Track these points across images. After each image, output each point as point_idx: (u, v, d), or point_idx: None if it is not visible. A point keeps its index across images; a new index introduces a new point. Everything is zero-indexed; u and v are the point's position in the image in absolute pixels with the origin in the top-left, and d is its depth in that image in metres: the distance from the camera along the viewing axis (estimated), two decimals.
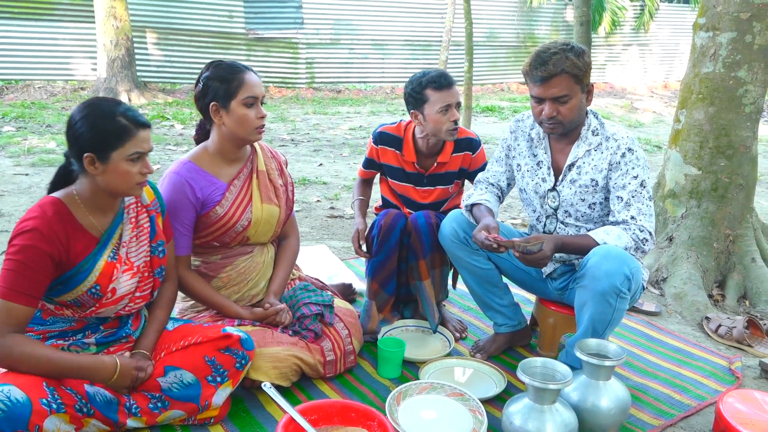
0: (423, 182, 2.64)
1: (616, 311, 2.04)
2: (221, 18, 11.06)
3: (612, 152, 2.17)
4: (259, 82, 2.14)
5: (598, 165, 2.19)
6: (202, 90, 2.12)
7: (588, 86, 2.14)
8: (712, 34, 3.18)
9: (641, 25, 15.01)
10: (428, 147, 2.59)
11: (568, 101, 2.10)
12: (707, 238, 3.21)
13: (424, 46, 12.99)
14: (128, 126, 1.69)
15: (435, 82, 2.42)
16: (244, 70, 2.11)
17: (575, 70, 2.06)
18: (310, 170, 5.95)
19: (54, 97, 9.44)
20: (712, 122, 3.20)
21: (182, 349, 1.93)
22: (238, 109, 2.08)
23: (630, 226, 2.11)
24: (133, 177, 1.73)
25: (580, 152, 2.22)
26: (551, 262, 2.38)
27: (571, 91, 2.08)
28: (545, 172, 2.30)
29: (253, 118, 2.11)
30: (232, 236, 2.20)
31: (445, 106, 2.42)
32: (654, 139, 8.62)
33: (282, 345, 2.11)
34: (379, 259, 2.49)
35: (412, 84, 2.47)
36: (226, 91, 2.08)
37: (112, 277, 1.78)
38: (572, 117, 2.14)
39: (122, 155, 1.69)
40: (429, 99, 2.43)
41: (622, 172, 2.15)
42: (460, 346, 2.58)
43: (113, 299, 1.80)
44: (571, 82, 2.07)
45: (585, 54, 2.11)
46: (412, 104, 2.49)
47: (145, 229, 1.89)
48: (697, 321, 2.91)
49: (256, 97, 2.11)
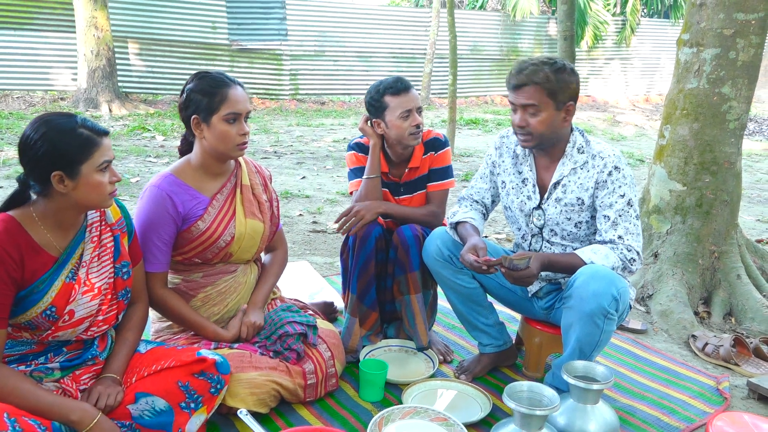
0: (400, 191, 2.59)
1: (603, 333, 1.99)
2: (204, 28, 11.00)
3: (598, 171, 2.13)
4: (244, 97, 2.07)
5: (584, 183, 2.16)
6: (185, 101, 2.06)
7: (566, 105, 2.09)
8: (696, 50, 3.18)
9: (623, 39, 15.18)
10: (397, 155, 2.55)
11: (538, 114, 2.07)
12: (692, 254, 3.19)
13: (409, 58, 13.02)
14: (91, 136, 1.63)
15: (392, 88, 2.42)
16: (229, 84, 2.05)
17: (547, 83, 2.04)
18: (292, 183, 5.88)
19: (33, 107, 9.29)
20: (697, 138, 3.19)
21: (154, 373, 1.85)
22: (219, 125, 2.02)
23: (617, 246, 2.07)
24: (105, 187, 1.67)
25: (565, 170, 2.18)
26: (537, 281, 2.33)
27: (541, 102, 2.06)
28: (530, 189, 2.26)
29: (235, 134, 2.04)
30: (214, 252, 2.13)
31: (406, 111, 2.41)
32: (636, 153, 8.67)
33: (260, 370, 2.04)
34: (357, 270, 2.43)
35: (371, 93, 2.47)
36: (208, 106, 2.01)
37: (70, 298, 1.70)
38: (543, 131, 2.10)
39: (92, 167, 1.63)
40: (389, 105, 2.42)
41: (608, 191, 2.12)
42: (444, 367, 2.52)
43: (71, 322, 1.71)
44: (542, 95, 2.05)
45: (566, 72, 2.08)
46: (373, 113, 2.48)
47: (108, 248, 1.81)
48: (684, 339, 2.88)
49: (239, 114, 2.04)
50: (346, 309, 2.52)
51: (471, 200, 2.44)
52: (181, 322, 2.13)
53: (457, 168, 7.00)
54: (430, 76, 12.46)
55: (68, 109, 9.20)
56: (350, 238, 2.47)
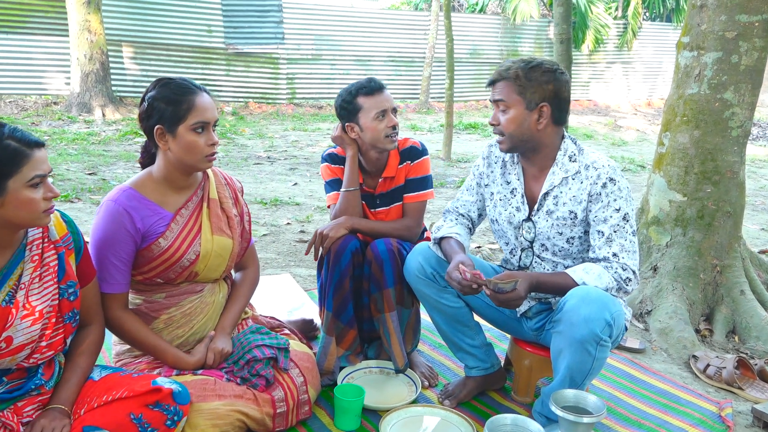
0: (376, 203, 2.45)
1: (596, 360, 1.84)
2: (200, 32, 10.88)
3: (592, 182, 1.98)
4: (212, 104, 1.93)
5: (577, 196, 2.00)
6: (147, 111, 1.91)
7: (540, 106, 1.96)
8: (696, 53, 3.02)
9: (624, 43, 15.04)
10: (372, 163, 2.41)
11: (507, 111, 1.98)
12: (693, 268, 3.03)
13: (408, 62, 12.89)
14: (20, 148, 1.48)
15: (365, 88, 2.31)
16: (195, 91, 1.90)
17: (516, 80, 1.95)
18: (283, 190, 5.74)
19: (25, 111, 9.17)
20: (698, 146, 3.03)
21: (105, 404, 1.69)
22: (186, 135, 1.87)
23: (612, 265, 1.92)
24: (37, 205, 1.52)
25: (555, 179, 2.03)
26: (526, 300, 2.17)
27: (509, 99, 1.97)
28: (519, 200, 2.11)
29: (203, 145, 1.90)
30: (177, 272, 1.98)
31: (381, 112, 2.30)
32: (638, 158, 8.52)
33: (224, 399, 1.88)
34: (332, 286, 2.29)
35: (342, 96, 2.35)
36: (174, 115, 1.87)
37: (6, 323, 1.54)
38: (512, 131, 1.99)
39: (20, 182, 1.48)
40: (362, 107, 2.31)
41: (603, 205, 1.96)
42: (428, 391, 2.36)
43: (9, 349, 1.56)
44: (511, 91, 1.96)
45: (540, 71, 1.95)
46: (345, 117, 2.35)
47: (51, 268, 1.66)
48: (684, 359, 2.72)
49: (208, 123, 1.90)
50: (322, 327, 2.37)
51: (456, 213, 2.29)
52: (139, 347, 1.97)
53: (454, 174, 6.85)
54: (429, 80, 12.33)
55: (60, 113, 9.08)
56: (326, 253, 2.32)
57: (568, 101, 2.03)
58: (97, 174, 5.86)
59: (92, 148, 7.05)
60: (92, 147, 7.15)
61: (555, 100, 1.97)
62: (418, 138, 2.53)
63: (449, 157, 7.62)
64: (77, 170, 5.95)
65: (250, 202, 5.21)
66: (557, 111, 1.99)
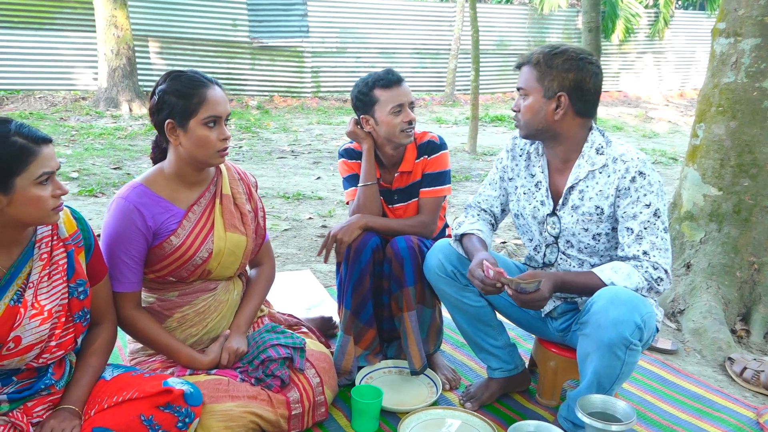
0: (393, 199, 2.39)
1: (625, 365, 1.74)
2: (225, 26, 10.89)
3: (620, 176, 1.87)
4: (224, 98, 1.87)
5: (604, 190, 1.90)
6: (157, 104, 1.86)
7: (557, 95, 1.85)
8: (733, 40, 2.88)
9: (656, 32, 14.66)
10: (388, 157, 2.35)
11: (526, 98, 1.91)
12: (729, 266, 2.89)
13: (433, 54, 12.75)
14: (27, 145, 1.44)
15: (382, 80, 2.24)
16: (206, 84, 1.85)
17: (537, 66, 1.86)
18: (306, 184, 5.69)
19: (54, 107, 9.28)
20: (734, 138, 2.89)
21: (115, 405, 1.65)
22: (197, 130, 1.82)
23: (642, 263, 1.81)
24: (46, 202, 1.48)
25: (581, 173, 1.93)
26: (551, 299, 2.08)
27: (528, 87, 1.89)
28: (543, 194, 2.02)
29: (215, 140, 1.85)
30: (189, 270, 1.93)
31: (397, 106, 2.23)
32: (669, 150, 8.28)
33: (237, 400, 1.83)
34: (351, 283, 2.23)
35: (359, 87, 2.29)
36: (185, 109, 1.81)
37: (14, 323, 1.51)
38: (528, 119, 1.90)
39: (28, 180, 1.44)
40: (379, 100, 2.24)
41: (632, 200, 1.85)
42: (449, 393, 2.29)
43: (17, 350, 1.52)
44: (532, 78, 1.88)
45: (562, 58, 1.84)
46: (361, 109, 2.29)
47: (60, 266, 1.62)
48: (719, 361, 2.59)
49: (220, 117, 1.85)
50: (340, 326, 2.30)
51: (478, 209, 2.20)
52: (152, 346, 1.94)
53: (479, 167, 6.74)
54: (455, 72, 12.17)
55: (88, 108, 9.18)
56: (345, 250, 2.26)
57: (595, 92, 1.89)
58: (122, 168, 5.89)
59: (118, 143, 7.10)
60: (118, 142, 7.20)
61: (576, 90, 1.85)
62: (438, 132, 2.46)
63: (474, 150, 7.50)
64: (102, 165, 5.99)
65: (272, 196, 5.18)
66: (579, 102, 1.87)
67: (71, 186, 5.07)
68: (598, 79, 1.89)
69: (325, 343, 2.36)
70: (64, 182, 5.15)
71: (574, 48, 1.88)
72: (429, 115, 10.49)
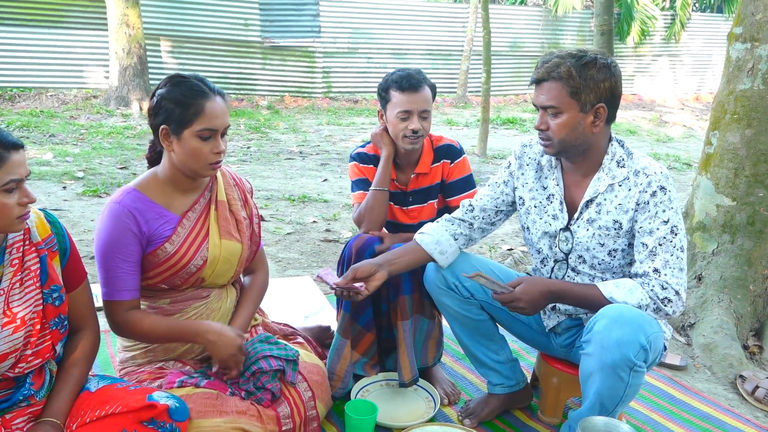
0: (408, 201, 2.36)
1: (629, 387, 1.66)
2: (237, 26, 10.87)
3: (641, 189, 1.78)
4: (223, 110, 1.80)
5: (623, 204, 1.81)
6: (155, 108, 1.81)
7: (595, 107, 1.76)
8: (750, 45, 2.78)
9: (672, 35, 14.47)
10: (402, 156, 2.32)
11: (558, 116, 1.76)
12: (742, 279, 2.80)
13: (445, 55, 12.66)
14: None
15: (398, 83, 2.21)
16: (207, 95, 1.78)
17: (569, 80, 1.72)
18: (312, 186, 5.64)
19: (65, 105, 9.30)
20: (750, 146, 2.79)
21: (98, 419, 1.59)
22: (191, 141, 1.77)
23: (650, 281, 1.73)
24: (11, 210, 1.42)
25: (601, 186, 1.84)
26: (554, 314, 2.00)
27: (561, 103, 1.75)
28: (557, 207, 1.93)
29: (208, 152, 1.79)
30: (183, 278, 1.88)
31: (405, 112, 2.19)
32: (683, 156, 8.14)
33: (226, 415, 1.77)
34: None
35: (382, 81, 2.29)
36: (180, 118, 1.76)
37: None
38: (563, 137, 1.78)
39: None
40: (391, 100, 2.23)
41: (650, 215, 1.76)
42: (447, 408, 2.21)
43: None
44: (563, 93, 1.74)
45: (596, 67, 1.73)
46: (380, 102, 2.31)
47: (33, 272, 1.56)
48: (730, 379, 2.50)
49: (216, 130, 1.79)
50: (337, 329, 2.24)
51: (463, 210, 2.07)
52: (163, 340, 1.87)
53: (489, 171, 6.65)
54: (467, 74, 12.07)
55: (99, 107, 9.19)
56: (346, 251, 2.22)
57: (621, 96, 1.83)
58: (129, 168, 5.86)
59: (127, 142, 7.09)
60: (127, 141, 7.18)
61: (612, 98, 1.77)
62: (448, 135, 2.45)
63: (485, 153, 7.41)
64: (109, 164, 5.97)
65: (277, 198, 5.13)
66: (612, 109, 1.80)
67: (76, 186, 5.05)
68: (622, 82, 1.82)
69: (321, 354, 2.30)
70: (70, 182, 5.13)
71: (595, 52, 1.79)
72: (440, 117, 10.41)
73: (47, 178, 5.22)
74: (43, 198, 4.58)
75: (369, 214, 2.26)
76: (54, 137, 7.14)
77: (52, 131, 7.44)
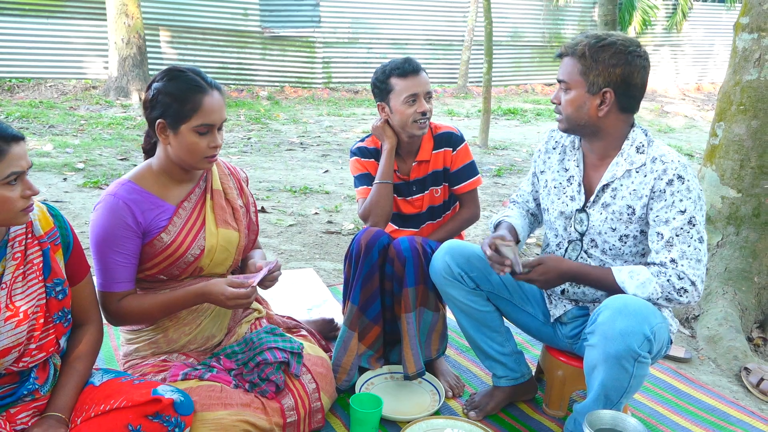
0: (411, 190, 2.37)
1: (633, 378, 1.66)
2: (236, 16, 10.79)
3: (656, 176, 1.77)
4: (220, 105, 1.80)
5: (638, 190, 1.80)
6: (151, 101, 1.79)
7: (602, 91, 1.76)
8: (756, 35, 2.75)
9: (673, 25, 14.38)
10: (403, 145, 2.33)
11: (568, 92, 1.81)
12: (747, 271, 2.79)
13: (446, 45, 12.58)
14: None
15: (399, 69, 2.22)
16: (204, 90, 1.77)
17: (582, 59, 1.75)
18: (314, 177, 5.62)
19: (64, 96, 9.25)
20: (755, 138, 2.77)
21: (102, 414, 1.59)
22: (188, 136, 1.77)
23: (666, 271, 1.71)
24: (13, 203, 1.41)
25: (618, 171, 1.83)
26: (561, 303, 2.00)
27: (572, 80, 1.79)
28: (575, 189, 1.93)
29: (204, 147, 1.79)
30: (181, 267, 1.87)
31: (412, 96, 2.20)
32: (685, 147, 8.11)
33: (230, 408, 1.77)
34: (360, 278, 2.17)
35: (377, 74, 2.27)
36: (178, 113, 1.75)
37: None
38: (570, 113, 1.82)
39: None
40: (394, 88, 2.22)
41: (666, 204, 1.75)
42: (452, 401, 2.21)
43: None
44: (575, 71, 1.78)
45: (610, 51, 1.74)
46: (378, 96, 2.29)
47: (35, 266, 1.55)
48: (735, 371, 2.49)
49: (213, 125, 1.78)
50: (344, 321, 2.23)
51: (515, 203, 2.20)
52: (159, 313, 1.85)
53: (490, 162, 6.63)
54: (468, 64, 12.00)
55: (99, 97, 9.14)
56: (354, 246, 2.20)
57: (642, 87, 1.82)
58: (129, 159, 5.84)
59: (127, 133, 7.06)
60: (127, 132, 7.15)
61: (622, 85, 1.76)
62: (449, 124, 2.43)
63: (486, 144, 7.37)
64: (110, 155, 5.94)
65: (279, 190, 5.11)
66: (624, 98, 1.79)
67: (77, 177, 5.03)
68: (645, 73, 1.81)
69: (325, 346, 2.29)
70: (70, 173, 5.11)
71: (623, 38, 1.78)
72: (441, 107, 10.36)
73: (47, 169, 5.20)
74: (43, 190, 4.56)
75: (375, 208, 2.26)
76: (54, 128, 7.10)
77: (52, 122, 7.40)
